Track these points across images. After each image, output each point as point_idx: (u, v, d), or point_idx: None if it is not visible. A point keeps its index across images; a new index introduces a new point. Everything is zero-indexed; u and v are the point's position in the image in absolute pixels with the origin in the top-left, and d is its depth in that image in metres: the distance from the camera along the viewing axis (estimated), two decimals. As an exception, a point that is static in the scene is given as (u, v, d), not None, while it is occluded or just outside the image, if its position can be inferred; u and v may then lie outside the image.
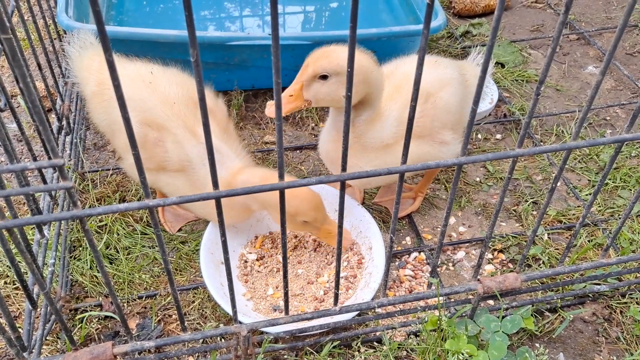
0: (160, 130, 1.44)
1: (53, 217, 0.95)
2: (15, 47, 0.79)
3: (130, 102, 1.42)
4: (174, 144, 1.44)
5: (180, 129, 1.44)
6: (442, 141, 1.58)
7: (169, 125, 1.43)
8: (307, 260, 1.64)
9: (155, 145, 1.44)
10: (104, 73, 1.49)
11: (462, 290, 1.34)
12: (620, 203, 1.84)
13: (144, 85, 1.45)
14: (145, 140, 1.43)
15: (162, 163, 1.46)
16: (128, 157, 1.52)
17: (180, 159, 1.44)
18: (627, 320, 1.51)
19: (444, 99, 1.56)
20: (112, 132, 1.53)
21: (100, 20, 0.74)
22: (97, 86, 1.51)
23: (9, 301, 1.52)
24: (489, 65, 0.96)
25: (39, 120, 0.84)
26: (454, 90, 1.58)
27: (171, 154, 1.44)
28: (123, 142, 1.48)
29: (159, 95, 1.44)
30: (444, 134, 1.58)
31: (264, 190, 1.00)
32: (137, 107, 1.43)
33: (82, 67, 1.56)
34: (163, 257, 1.06)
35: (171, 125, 1.43)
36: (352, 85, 0.91)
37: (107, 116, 1.50)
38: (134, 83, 1.45)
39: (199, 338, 1.23)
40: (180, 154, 1.44)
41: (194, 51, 0.80)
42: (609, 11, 2.85)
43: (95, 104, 1.53)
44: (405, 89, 1.54)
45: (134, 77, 1.47)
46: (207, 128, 0.91)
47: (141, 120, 1.43)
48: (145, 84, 1.46)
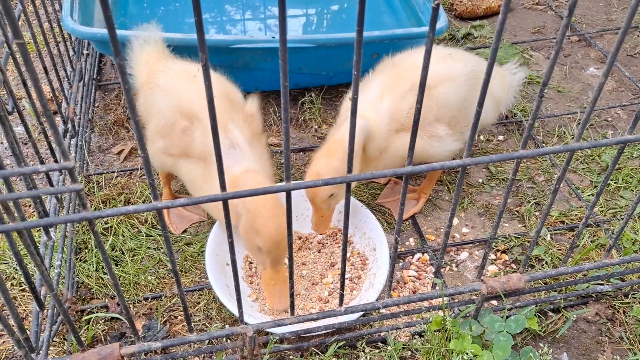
0: (193, 119, 1.49)
1: (63, 219, 0.96)
2: (27, 52, 0.80)
3: (170, 92, 1.54)
4: (203, 133, 1.47)
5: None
6: (433, 134, 1.58)
7: (202, 116, 1.48)
8: (311, 261, 1.65)
9: (182, 134, 1.50)
10: (156, 66, 1.64)
11: (466, 291, 1.35)
12: (622, 204, 1.85)
13: (187, 78, 1.55)
14: (173, 129, 1.51)
15: (186, 150, 1.51)
16: (158, 140, 1.56)
17: (204, 148, 1.48)
18: (630, 320, 1.52)
19: (442, 93, 1.56)
20: (147, 116, 1.63)
21: (112, 25, 0.75)
22: (147, 76, 1.64)
23: (16, 303, 1.53)
24: (492, 68, 0.98)
25: (50, 124, 0.85)
26: (457, 86, 1.57)
27: (197, 142, 1.49)
28: (153, 127, 1.58)
29: (198, 88, 1.51)
30: (436, 128, 1.58)
31: (270, 192, 1.01)
32: (175, 96, 1.52)
33: (140, 60, 1.70)
34: (170, 259, 1.07)
35: (204, 116, 1.47)
36: (357, 87, 0.92)
37: (146, 102, 1.61)
38: (178, 76, 1.57)
39: (205, 339, 1.23)
40: (206, 144, 1.47)
41: (203, 55, 0.81)
42: (610, 13, 2.86)
43: (143, 93, 1.64)
44: (405, 79, 1.56)
45: (180, 71, 1.59)
46: (215, 130, 0.92)
47: (177, 108, 1.50)
48: (189, 77, 1.56)
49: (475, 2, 2.77)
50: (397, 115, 1.54)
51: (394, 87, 1.56)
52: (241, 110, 1.57)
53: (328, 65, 2.17)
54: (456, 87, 1.57)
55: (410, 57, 1.62)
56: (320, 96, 2.27)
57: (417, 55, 1.62)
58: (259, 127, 1.62)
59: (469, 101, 1.61)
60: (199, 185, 1.52)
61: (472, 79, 1.61)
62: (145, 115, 1.63)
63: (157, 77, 1.59)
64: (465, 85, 1.59)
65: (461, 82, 1.58)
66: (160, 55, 1.70)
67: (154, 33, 1.73)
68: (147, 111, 1.61)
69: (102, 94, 2.31)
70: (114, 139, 2.09)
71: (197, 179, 1.52)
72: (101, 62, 2.47)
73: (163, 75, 1.58)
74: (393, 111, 1.54)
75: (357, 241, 1.67)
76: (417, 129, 1.03)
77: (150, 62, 1.67)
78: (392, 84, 1.57)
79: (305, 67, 2.15)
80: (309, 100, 2.23)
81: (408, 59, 1.62)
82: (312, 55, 2.07)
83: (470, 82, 1.61)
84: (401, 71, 1.58)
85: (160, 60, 1.67)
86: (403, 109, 1.54)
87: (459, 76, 1.58)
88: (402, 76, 1.57)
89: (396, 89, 1.55)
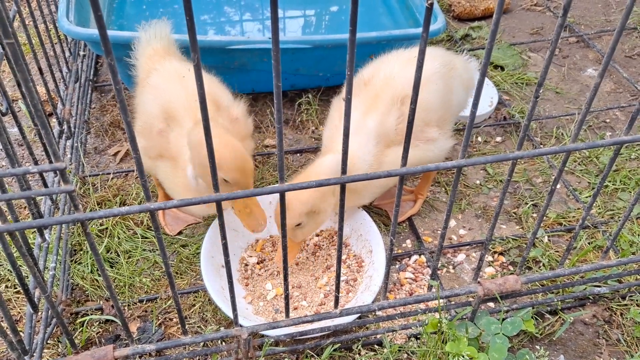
0: (170, 120, 1.49)
1: (55, 221, 0.96)
2: (17, 51, 0.79)
3: (156, 92, 1.52)
4: (177, 135, 1.47)
5: (190, 123, 1.47)
6: (428, 139, 1.58)
7: (181, 118, 1.47)
8: (306, 263, 1.64)
9: (159, 136, 1.50)
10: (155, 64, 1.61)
11: (463, 293, 1.34)
12: (620, 205, 1.85)
13: (175, 79, 1.54)
14: (152, 130, 1.50)
15: (162, 152, 1.52)
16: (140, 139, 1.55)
17: (175, 149, 1.47)
18: (627, 322, 1.51)
19: (425, 99, 1.53)
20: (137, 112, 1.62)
21: (102, 25, 0.75)
22: (145, 73, 1.62)
23: (10, 305, 1.52)
24: (487, 68, 0.97)
25: (41, 125, 0.84)
26: (435, 86, 1.56)
27: (172, 145, 1.48)
28: (138, 126, 1.58)
29: (183, 89, 1.50)
30: (428, 132, 1.58)
31: (264, 193, 1.00)
32: (160, 97, 1.51)
33: (144, 54, 1.67)
34: (164, 261, 1.06)
35: (183, 118, 1.47)
36: (351, 87, 0.92)
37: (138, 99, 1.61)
38: (168, 76, 1.56)
39: (199, 341, 1.23)
40: (178, 145, 1.46)
41: (194, 55, 0.80)
42: (608, 14, 2.86)
43: (139, 89, 1.64)
44: (384, 96, 1.53)
45: (171, 71, 1.57)
46: (207, 131, 0.91)
47: (159, 108, 1.49)
48: (178, 78, 1.54)
49: (473, 4, 2.76)
50: (385, 132, 1.52)
51: (375, 106, 1.53)
52: (227, 113, 1.56)
53: (325, 67, 2.16)
54: (436, 88, 1.56)
55: (379, 71, 1.59)
56: (317, 97, 2.27)
57: (385, 65, 1.60)
58: (247, 130, 1.61)
59: (450, 98, 1.61)
60: (168, 185, 1.53)
61: (445, 73, 1.60)
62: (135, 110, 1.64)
63: (151, 75, 1.58)
64: (441, 82, 1.58)
65: (437, 81, 1.57)
66: (166, 53, 1.66)
67: (162, 29, 1.70)
68: (136, 107, 1.61)
69: (99, 95, 2.30)
70: (110, 140, 2.08)
71: (168, 179, 1.52)
72: (97, 64, 2.46)
73: (155, 74, 1.57)
74: (379, 130, 1.51)
75: (353, 243, 1.66)
76: (411, 128, 1.02)
77: (153, 59, 1.64)
78: (372, 104, 1.53)
79: (302, 68, 2.15)
80: (306, 101, 2.23)
81: (377, 74, 1.59)
82: (309, 57, 2.07)
83: (444, 78, 1.59)
84: (376, 88, 1.55)
85: (164, 57, 1.64)
86: (390, 124, 1.52)
87: (432, 75, 1.56)
88: (379, 92, 1.54)
89: (378, 107, 1.52)
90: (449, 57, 1.69)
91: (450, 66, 1.63)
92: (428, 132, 1.57)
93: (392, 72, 1.56)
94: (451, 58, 1.69)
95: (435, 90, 1.56)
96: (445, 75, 1.60)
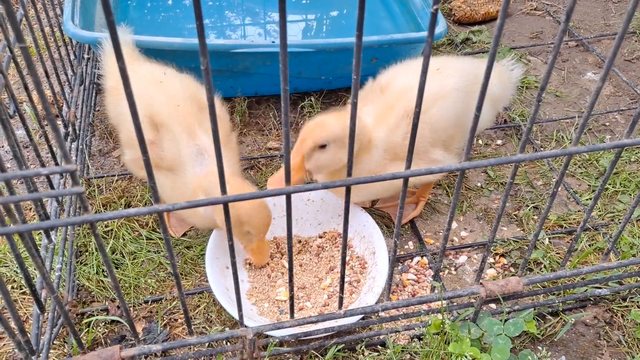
0: (160, 127, 1.49)
1: (64, 222, 0.97)
2: (30, 56, 0.81)
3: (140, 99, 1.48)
4: (171, 142, 1.49)
5: (178, 126, 1.49)
6: (431, 160, 1.54)
7: (169, 123, 1.48)
8: (310, 265, 1.65)
9: (151, 144, 1.49)
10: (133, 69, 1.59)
11: (465, 294, 1.36)
12: (620, 208, 1.86)
13: (153, 83, 1.54)
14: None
15: (156, 161, 1.51)
16: (127, 151, 1.60)
17: (173, 157, 1.49)
18: (628, 324, 1.53)
19: (435, 115, 1.50)
20: (118, 123, 1.63)
21: (114, 30, 0.76)
22: (116, 81, 1.61)
23: (17, 305, 1.54)
24: (491, 72, 0.99)
25: (52, 127, 0.86)
26: (449, 103, 1.52)
27: (166, 152, 1.50)
28: (126, 135, 1.58)
29: (166, 94, 1.52)
30: (433, 153, 1.55)
31: (270, 195, 1.02)
32: (142, 103, 1.48)
33: (110, 62, 1.68)
34: (171, 262, 1.08)
35: (171, 122, 1.48)
36: (357, 91, 0.93)
37: (116, 108, 1.60)
38: (144, 80, 1.55)
39: (205, 341, 1.24)
40: (174, 152, 1.49)
41: (204, 59, 0.82)
42: (608, 18, 2.88)
43: (111, 98, 1.63)
44: (397, 107, 1.50)
45: (146, 75, 1.58)
46: (216, 134, 0.93)
47: (144, 117, 1.48)
48: (156, 82, 1.54)
49: (473, 8, 2.78)
50: (391, 146, 1.51)
51: (385, 118, 1.51)
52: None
53: (327, 70, 2.18)
54: (448, 105, 1.51)
55: (397, 80, 1.55)
56: (320, 100, 2.28)
57: (404, 75, 1.55)
58: (227, 128, 1.63)
59: (467, 116, 1.53)
60: (167, 197, 1.54)
61: (469, 92, 1.54)
62: (115, 122, 1.64)
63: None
64: (459, 100, 1.53)
65: (454, 99, 1.52)
66: (131, 58, 1.67)
67: (125, 35, 1.72)
68: (117, 119, 1.62)
69: (103, 97, 2.31)
70: (114, 142, 2.09)
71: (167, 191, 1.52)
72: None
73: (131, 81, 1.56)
74: (387, 142, 1.50)
75: (356, 245, 1.68)
76: (415, 132, 1.04)
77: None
78: (384, 114, 1.51)
79: (305, 72, 2.17)
80: (309, 104, 2.24)
81: (396, 83, 1.55)
82: (312, 60, 2.09)
83: (466, 96, 1.54)
84: (392, 98, 1.52)
85: (131, 62, 1.64)
86: (397, 139, 1.50)
87: (451, 92, 1.52)
88: (394, 104, 1.51)
89: (388, 120, 1.50)
90: (475, 69, 1.60)
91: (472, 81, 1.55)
92: (433, 153, 1.54)
93: (409, 83, 1.52)
94: (477, 72, 1.58)
95: (448, 109, 1.51)
96: (464, 92, 1.53)
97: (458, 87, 1.54)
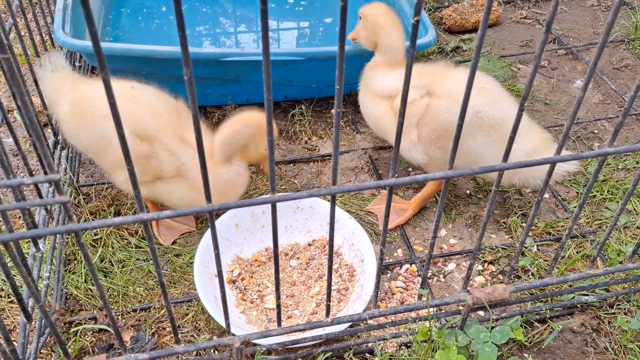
0: (151, 141, 1.50)
1: (49, 231, 0.97)
2: (13, 65, 0.81)
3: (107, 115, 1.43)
4: (166, 152, 1.50)
5: (170, 138, 1.50)
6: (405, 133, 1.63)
7: (160, 136, 1.49)
8: (298, 273, 1.66)
9: (148, 158, 1.50)
10: (78, 91, 1.51)
11: (452, 302, 1.36)
12: (607, 215, 1.88)
13: (128, 99, 1.50)
14: (137, 155, 1.46)
15: (158, 173, 1.53)
16: (120, 172, 1.56)
17: (174, 165, 1.52)
18: (615, 331, 1.54)
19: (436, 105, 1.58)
20: (98, 149, 1.53)
21: (97, 41, 0.77)
22: (72, 105, 1.50)
23: (3, 314, 1.53)
24: (473, 82, 1.00)
25: (36, 137, 0.86)
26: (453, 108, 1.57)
27: (165, 163, 1.51)
28: (112, 158, 1.51)
29: (145, 107, 1.50)
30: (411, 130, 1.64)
31: (256, 203, 1.02)
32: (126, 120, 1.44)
33: (53, 89, 1.55)
34: (157, 270, 1.08)
35: (161, 135, 1.49)
36: (341, 101, 0.94)
37: (92, 133, 1.50)
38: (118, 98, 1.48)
39: (192, 350, 1.24)
40: (174, 161, 1.51)
41: (187, 70, 0.83)
42: (597, 27, 2.91)
43: (74, 123, 1.51)
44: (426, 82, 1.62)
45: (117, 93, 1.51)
46: (200, 142, 0.93)
47: (132, 132, 1.46)
48: (130, 98, 1.50)
49: (464, 16, 2.81)
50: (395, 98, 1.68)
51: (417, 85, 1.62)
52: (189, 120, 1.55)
53: (318, 78, 2.19)
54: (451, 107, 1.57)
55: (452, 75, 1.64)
56: (311, 108, 2.29)
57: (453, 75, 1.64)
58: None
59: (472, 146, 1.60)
60: (188, 201, 1.56)
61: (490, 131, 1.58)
62: (94, 149, 1.54)
63: (92, 106, 1.48)
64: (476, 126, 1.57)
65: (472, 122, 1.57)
66: (74, 81, 1.56)
67: (58, 59, 1.59)
68: (96, 144, 1.52)
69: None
70: (104, 150, 2.10)
71: (181, 194, 1.54)
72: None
73: (100, 104, 1.47)
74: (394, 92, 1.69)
75: (345, 253, 1.68)
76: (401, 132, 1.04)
77: (67, 89, 1.52)
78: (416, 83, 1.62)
79: (296, 80, 2.18)
80: (299, 112, 2.25)
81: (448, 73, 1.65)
82: (302, 68, 2.10)
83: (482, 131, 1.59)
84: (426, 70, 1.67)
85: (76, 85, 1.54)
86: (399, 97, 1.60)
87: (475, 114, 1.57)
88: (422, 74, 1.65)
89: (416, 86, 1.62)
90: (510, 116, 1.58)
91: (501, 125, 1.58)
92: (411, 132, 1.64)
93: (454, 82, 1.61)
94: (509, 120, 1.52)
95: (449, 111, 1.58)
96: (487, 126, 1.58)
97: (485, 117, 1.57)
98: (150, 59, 1.92)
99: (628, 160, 2.09)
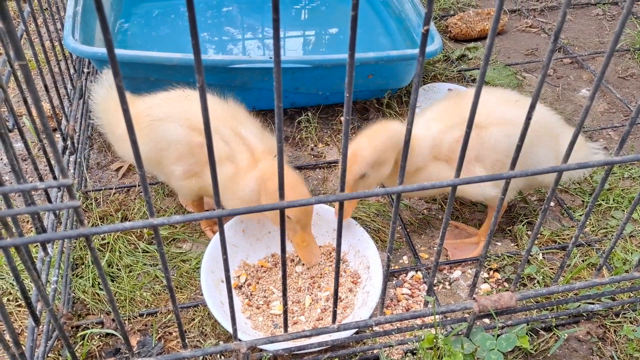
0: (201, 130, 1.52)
1: (60, 235, 0.98)
2: (29, 72, 0.83)
3: (174, 115, 1.55)
4: (221, 142, 1.53)
5: (225, 128, 1.54)
6: (468, 172, 1.58)
7: (216, 125, 1.50)
8: (304, 279, 1.66)
9: (203, 147, 1.52)
10: (136, 108, 1.58)
11: (458, 309, 1.37)
12: (613, 223, 1.88)
13: (181, 98, 1.59)
14: (191, 147, 1.54)
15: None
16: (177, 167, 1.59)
17: (227, 153, 1.54)
18: (620, 340, 1.53)
19: (494, 135, 1.56)
20: (158, 151, 1.58)
21: (112, 47, 0.78)
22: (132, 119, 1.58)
23: (12, 318, 1.54)
24: (481, 90, 1.01)
25: (50, 143, 0.87)
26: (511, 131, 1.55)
27: (219, 151, 1.53)
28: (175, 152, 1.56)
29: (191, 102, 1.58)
30: (473, 166, 1.59)
31: (264, 209, 1.03)
32: (181, 116, 1.55)
33: (108, 109, 1.66)
34: (166, 275, 1.09)
35: (218, 124, 1.52)
36: (350, 108, 0.95)
37: (150, 139, 1.56)
38: (174, 100, 1.60)
39: (199, 355, 1.25)
40: (227, 150, 1.53)
41: (199, 77, 0.84)
42: (602, 36, 2.92)
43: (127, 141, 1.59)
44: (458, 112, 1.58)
45: (173, 96, 1.62)
46: (210, 147, 0.94)
47: (188, 125, 1.53)
48: (183, 97, 1.60)
49: (469, 25, 2.82)
50: (440, 144, 1.58)
51: (444, 118, 1.59)
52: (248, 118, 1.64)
53: (324, 85, 2.20)
54: (510, 132, 1.55)
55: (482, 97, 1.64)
56: (317, 115, 2.31)
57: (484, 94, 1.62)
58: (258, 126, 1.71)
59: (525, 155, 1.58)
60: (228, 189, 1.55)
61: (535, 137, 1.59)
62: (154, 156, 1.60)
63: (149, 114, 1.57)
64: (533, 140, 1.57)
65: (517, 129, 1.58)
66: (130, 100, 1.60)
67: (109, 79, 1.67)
68: (155, 148, 1.58)
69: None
70: (112, 156, 2.11)
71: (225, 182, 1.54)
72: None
73: (157, 109, 1.58)
74: (437, 140, 1.58)
75: (351, 259, 1.69)
76: (408, 145, 1.05)
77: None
78: (444, 115, 1.60)
79: (302, 87, 2.19)
80: (306, 119, 2.26)
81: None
82: (309, 76, 2.11)
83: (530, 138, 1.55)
84: (458, 104, 1.61)
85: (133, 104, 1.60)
86: (446, 141, 1.57)
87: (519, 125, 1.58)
88: (456, 109, 1.60)
89: (445, 120, 1.58)
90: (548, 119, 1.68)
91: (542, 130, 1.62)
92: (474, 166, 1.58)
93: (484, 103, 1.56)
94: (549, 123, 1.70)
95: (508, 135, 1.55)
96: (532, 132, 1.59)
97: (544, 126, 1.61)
98: (159, 65, 1.94)
99: (634, 169, 2.09)
